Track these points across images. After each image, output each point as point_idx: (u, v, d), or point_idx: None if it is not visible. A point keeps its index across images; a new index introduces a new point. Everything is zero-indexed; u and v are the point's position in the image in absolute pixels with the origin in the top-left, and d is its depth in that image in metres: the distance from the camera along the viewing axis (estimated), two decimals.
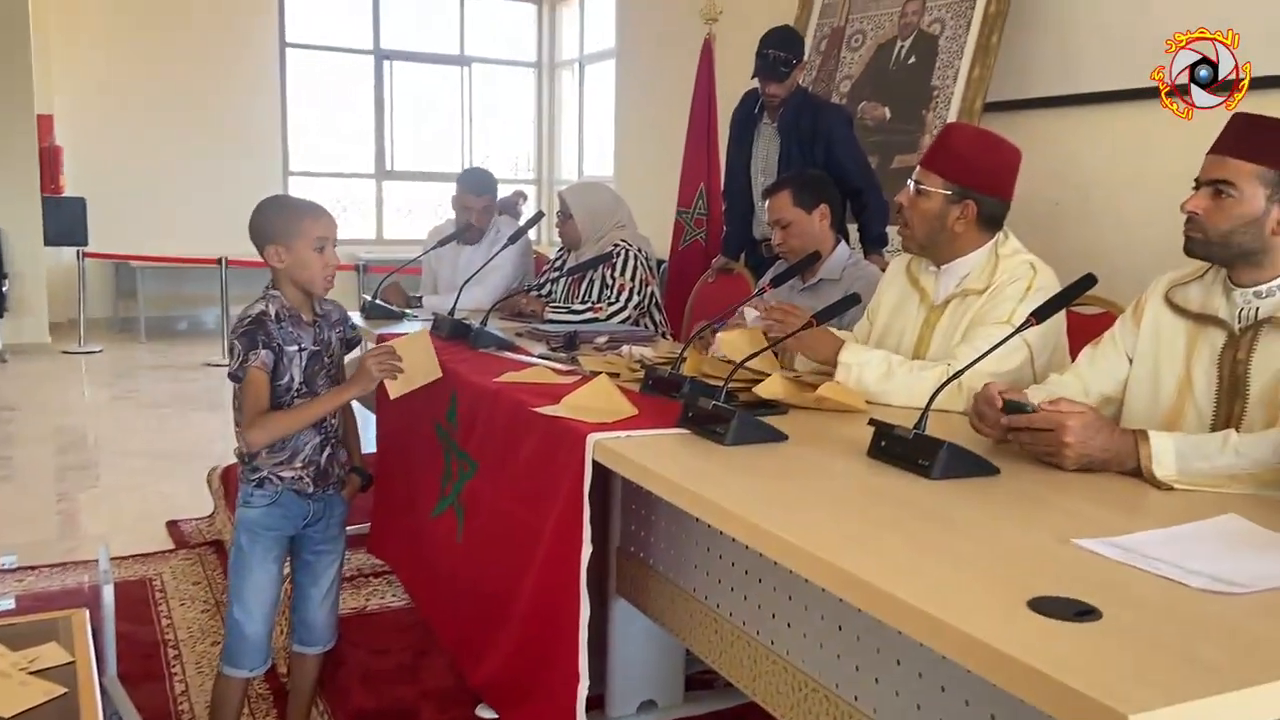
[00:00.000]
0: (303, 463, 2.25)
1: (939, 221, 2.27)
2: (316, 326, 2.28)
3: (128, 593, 3.16)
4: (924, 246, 2.33)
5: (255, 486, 2.24)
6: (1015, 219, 2.38)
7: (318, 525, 2.31)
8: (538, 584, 2.04)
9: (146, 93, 8.67)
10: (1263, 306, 1.75)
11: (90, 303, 8.20)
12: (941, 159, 2.30)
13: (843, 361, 2.23)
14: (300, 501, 2.27)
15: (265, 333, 2.17)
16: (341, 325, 2.38)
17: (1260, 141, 1.71)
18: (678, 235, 4.93)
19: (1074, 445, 1.63)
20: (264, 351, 2.15)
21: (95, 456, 5.28)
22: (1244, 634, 1.06)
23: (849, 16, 4.73)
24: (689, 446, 1.83)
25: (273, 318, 2.20)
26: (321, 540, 2.34)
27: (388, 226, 10.04)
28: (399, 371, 2.32)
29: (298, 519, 2.28)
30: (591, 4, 9.74)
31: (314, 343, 2.25)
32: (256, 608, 2.24)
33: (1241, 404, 1.75)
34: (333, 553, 2.37)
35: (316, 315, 2.29)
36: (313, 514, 2.29)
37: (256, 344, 2.15)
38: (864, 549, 1.30)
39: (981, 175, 2.27)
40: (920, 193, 2.28)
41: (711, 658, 1.84)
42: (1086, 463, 1.65)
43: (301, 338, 2.23)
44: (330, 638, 2.40)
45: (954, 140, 2.34)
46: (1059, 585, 1.16)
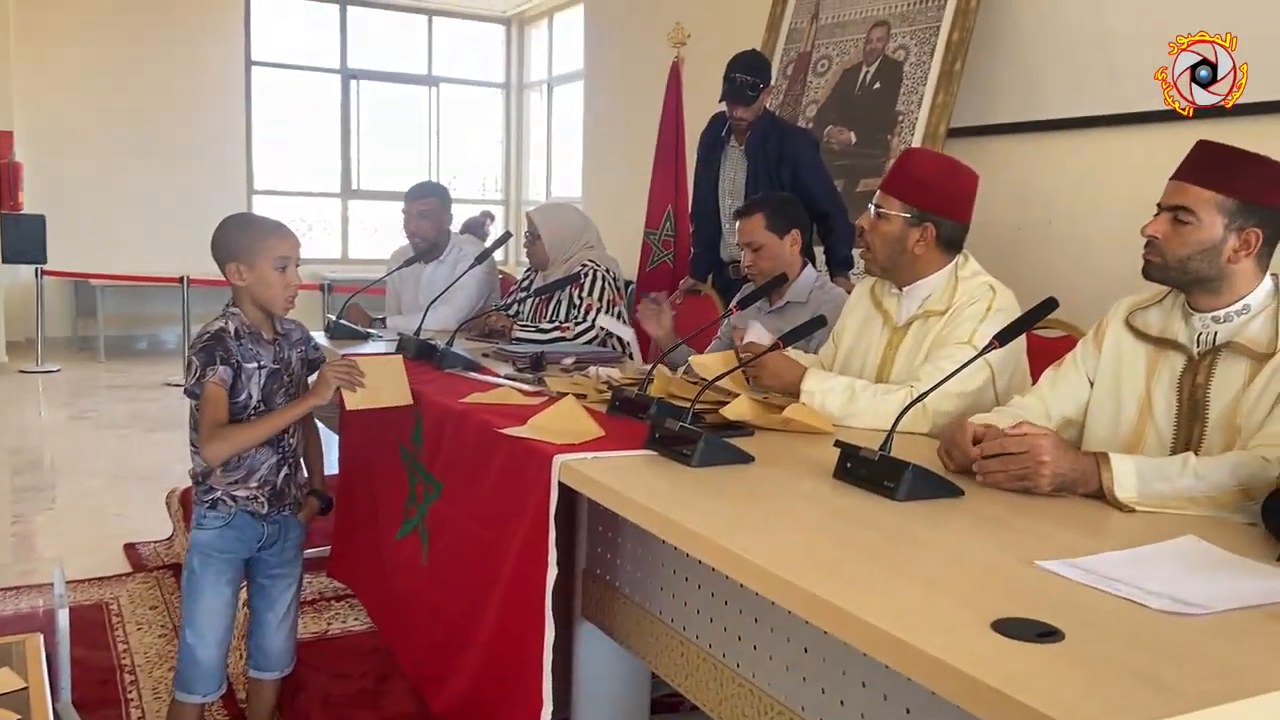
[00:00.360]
0: (258, 482, 2.23)
1: (899, 244, 2.31)
2: (277, 345, 2.26)
3: (83, 617, 3.10)
4: (885, 269, 2.37)
5: (209, 508, 2.21)
6: (978, 243, 2.41)
7: (272, 549, 2.29)
8: (502, 607, 2.03)
9: (108, 109, 8.60)
10: (1221, 331, 1.78)
11: (49, 321, 8.08)
12: (900, 183, 2.33)
13: (806, 390, 2.25)
14: (255, 523, 2.24)
15: (224, 349, 2.15)
16: (303, 345, 2.36)
17: (1221, 170, 1.74)
18: (645, 256, 4.94)
19: (1050, 464, 1.65)
20: (222, 367, 2.13)
21: (52, 478, 5.19)
22: (1203, 655, 1.07)
23: (815, 42, 4.78)
24: (656, 468, 1.83)
25: (232, 335, 2.18)
26: (277, 564, 2.31)
27: (353, 246, 9.99)
28: (359, 385, 2.29)
29: (252, 541, 2.25)
30: (560, 26, 9.78)
31: (274, 361, 2.24)
32: (209, 631, 2.20)
33: (1201, 427, 1.78)
34: (288, 577, 2.34)
35: (277, 334, 2.28)
36: (267, 536, 2.26)
37: (215, 360, 2.13)
38: (830, 571, 1.30)
39: (940, 199, 2.31)
40: (880, 216, 2.32)
41: (677, 681, 1.83)
42: (1061, 482, 1.66)
43: (261, 355, 2.21)
44: (288, 663, 2.37)
45: (913, 164, 2.37)
46: (1022, 606, 1.17)
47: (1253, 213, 1.72)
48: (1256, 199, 1.72)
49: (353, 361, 2.28)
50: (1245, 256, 1.74)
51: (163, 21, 8.75)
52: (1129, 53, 3.59)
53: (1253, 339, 1.73)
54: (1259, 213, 1.73)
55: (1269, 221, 1.73)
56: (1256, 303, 1.76)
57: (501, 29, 10.40)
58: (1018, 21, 3.99)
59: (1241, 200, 1.72)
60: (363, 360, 2.31)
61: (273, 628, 2.32)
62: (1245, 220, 1.72)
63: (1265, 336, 1.73)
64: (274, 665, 2.34)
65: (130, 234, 8.57)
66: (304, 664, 2.76)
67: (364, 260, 9.71)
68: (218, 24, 9.06)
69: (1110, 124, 3.66)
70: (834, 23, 4.69)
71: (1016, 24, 4.00)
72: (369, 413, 2.42)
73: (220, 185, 8.90)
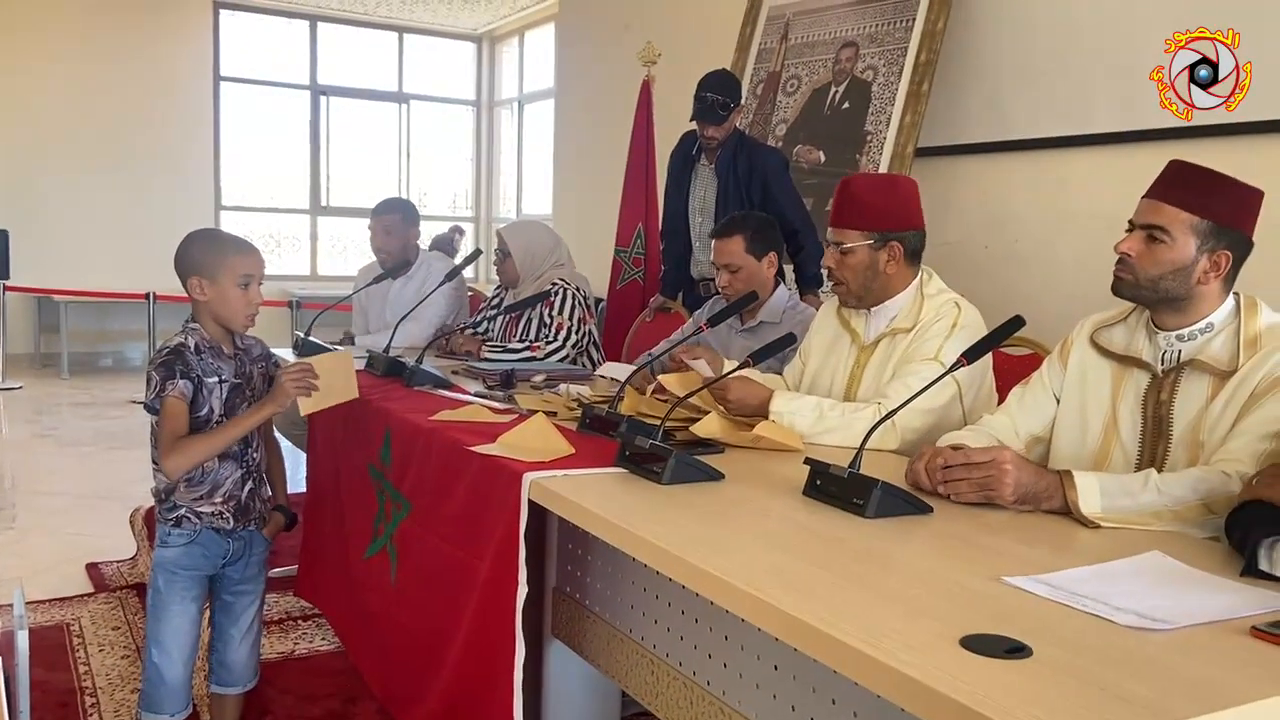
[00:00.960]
0: (223, 497, 2.21)
1: (871, 270, 2.35)
2: (238, 360, 2.26)
3: (44, 638, 3.05)
4: (860, 297, 2.40)
5: (173, 525, 2.19)
6: (948, 262, 2.44)
7: (237, 564, 2.27)
8: (472, 626, 2.01)
9: (74, 124, 8.51)
10: (1185, 349, 1.80)
11: (11, 337, 7.96)
12: (851, 213, 2.36)
13: (774, 410, 2.26)
14: (219, 540, 2.22)
15: (183, 363, 2.15)
16: (264, 360, 2.35)
17: (1197, 192, 1.76)
18: (616, 274, 4.95)
19: (1012, 473, 1.67)
20: (182, 381, 2.12)
21: (12, 497, 5.09)
22: (1169, 670, 1.08)
23: (785, 62, 4.82)
24: (626, 486, 1.83)
25: (191, 350, 2.18)
26: (241, 580, 2.30)
27: (322, 263, 9.93)
28: (314, 389, 2.26)
29: (216, 558, 2.23)
30: (531, 44, 9.80)
31: (235, 375, 2.23)
32: (175, 650, 2.19)
33: (1165, 445, 1.80)
34: (252, 592, 2.33)
35: (238, 349, 2.27)
36: (232, 553, 2.25)
37: (174, 374, 2.12)
38: (799, 588, 1.30)
39: (893, 216, 2.36)
40: (845, 252, 2.35)
41: (648, 699, 1.82)
42: (1023, 492, 1.68)
43: (222, 370, 2.21)
44: (250, 678, 2.36)
45: (856, 192, 2.38)
46: (990, 623, 1.18)
47: (1224, 235, 1.75)
48: (1230, 223, 1.75)
49: (307, 365, 2.26)
50: (1215, 278, 1.76)
51: (131, 36, 8.69)
52: (1095, 74, 3.65)
53: (1214, 357, 1.76)
54: (1230, 235, 1.75)
55: (1239, 244, 1.76)
56: (1219, 321, 1.78)
57: (472, 46, 10.41)
58: (985, 43, 4.05)
59: (1215, 223, 1.74)
60: (315, 361, 2.29)
61: (236, 642, 2.31)
62: (1217, 242, 1.74)
63: (1226, 355, 1.75)
64: (237, 680, 2.33)
65: (95, 250, 8.47)
66: (270, 685, 2.73)
67: (333, 277, 9.65)
68: (186, 39, 9.00)
69: (1076, 144, 3.71)
70: (803, 43, 4.74)
71: (984, 46, 4.05)
72: (337, 431, 2.40)
73: (188, 201, 8.82)
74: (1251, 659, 1.11)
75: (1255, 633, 1.17)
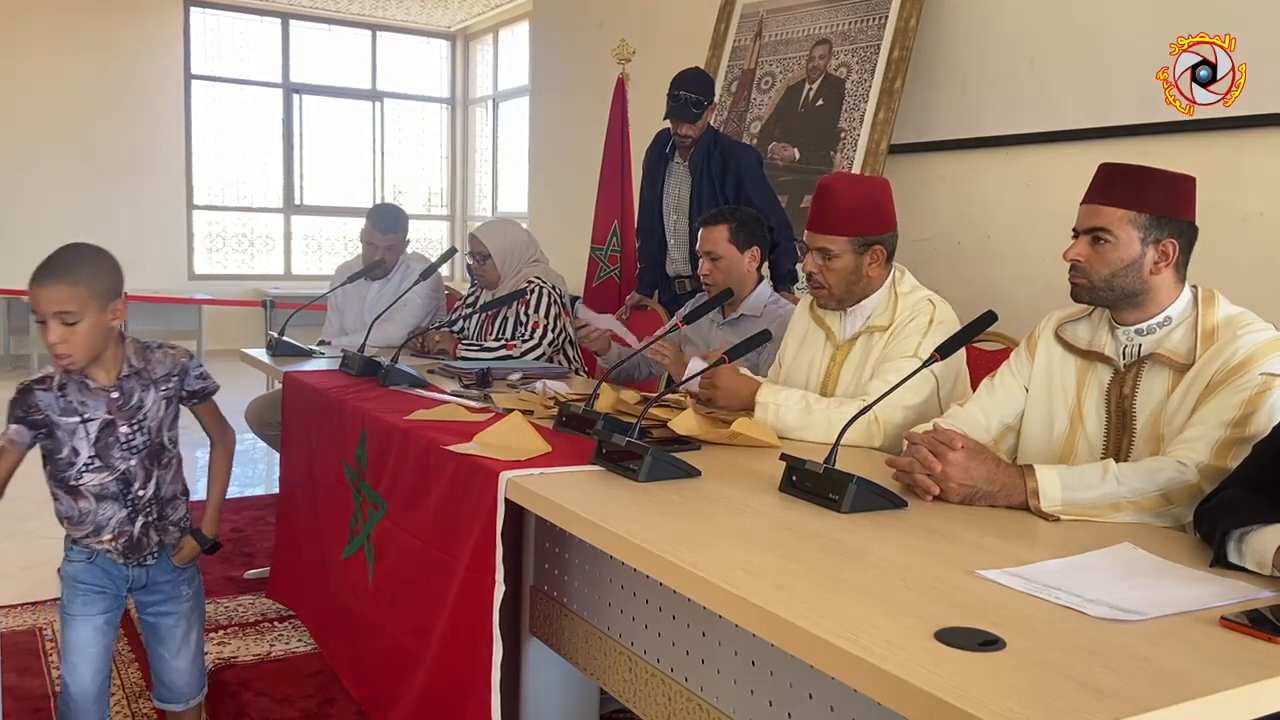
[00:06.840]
0: (111, 535, 2.11)
1: (855, 274, 2.37)
2: (118, 391, 2.06)
3: (15, 643, 3.01)
4: (841, 299, 2.41)
5: (72, 543, 2.15)
6: (921, 258, 2.46)
7: (142, 591, 2.18)
8: (450, 625, 2.01)
9: (43, 123, 8.41)
10: (1145, 343, 1.83)
11: None
12: (834, 219, 2.36)
13: (760, 401, 2.27)
14: (118, 566, 2.14)
15: (26, 405, 2.03)
16: (176, 377, 2.14)
17: (1130, 188, 1.81)
18: (591, 272, 4.94)
19: (953, 475, 1.69)
20: (15, 427, 2.02)
21: None
22: (1141, 660, 1.09)
23: (759, 59, 4.83)
24: (603, 483, 1.83)
25: (53, 386, 2.03)
26: (154, 604, 2.20)
27: (296, 262, 9.86)
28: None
29: (119, 581, 2.15)
30: (505, 42, 9.77)
31: (108, 411, 2.05)
32: (80, 664, 2.10)
33: (1129, 438, 1.83)
34: (174, 614, 2.20)
35: (120, 377, 2.07)
36: (133, 580, 2.16)
37: (13, 417, 2.02)
38: (776, 584, 1.31)
39: (874, 220, 2.37)
40: (829, 257, 2.35)
41: (626, 697, 1.82)
42: (969, 494, 1.69)
43: (87, 407, 2.04)
44: (194, 693, 2.26)
45: (837, 197, 2.38)
46: (964, 616, 1.19)
47: (1165, 224, 1.79)
48: (1167, 211, 1.80)
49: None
50: (1165, 267, 1.80)
51: (100, 35, 8.58)
52: (1064, 70, 3.68)
53: (1173, 350, 1.79)
54: (1171, 224, 1.80)
55: (1183, 232, 1.81)
56: (1177, 314, 1.82)
57: (446, 44, 10.37)
58: (957, 41, 4.07)
59: (1154, 215, 1.79)
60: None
61: (167, 662, 2.22)
62: (1160, 233, 1.79)
63: (1185, 348, 1.79)
64: (179, 697, 2.24)
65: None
66: (246, 688, 2.71)
67: (307, 276, 9.59)
68: (156, 37, 8.90)
69: (1046, 141, 3.74)
70: (777, 40, 4.75)
71: (956, 43, 4.07)
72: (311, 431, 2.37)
73: (159, 200, 8.73)
74: (1221, 649, 1.13)
75: (1225, 623, 1.19)
